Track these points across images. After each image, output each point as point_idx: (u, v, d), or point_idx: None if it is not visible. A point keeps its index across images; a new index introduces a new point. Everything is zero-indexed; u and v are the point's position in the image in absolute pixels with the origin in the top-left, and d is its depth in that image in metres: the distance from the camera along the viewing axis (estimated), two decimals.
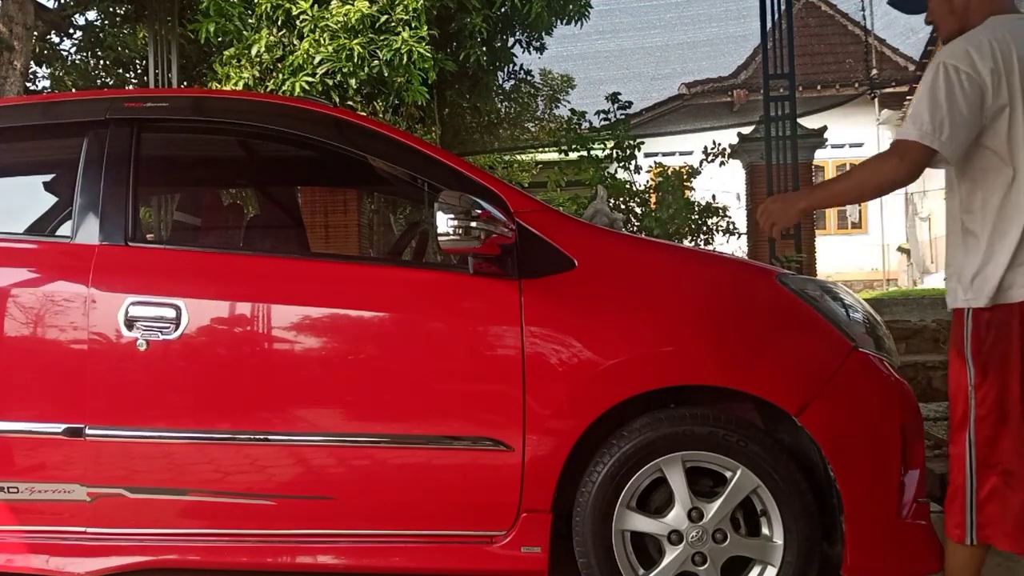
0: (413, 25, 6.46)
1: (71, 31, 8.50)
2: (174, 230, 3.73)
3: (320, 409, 2.18)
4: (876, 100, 15.57)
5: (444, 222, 1.99)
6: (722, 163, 7.49)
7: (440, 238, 2.01)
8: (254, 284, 2.24)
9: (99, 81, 8.58)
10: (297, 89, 6.29)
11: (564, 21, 8.39)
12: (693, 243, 7.07)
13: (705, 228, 7.09)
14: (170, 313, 2.15)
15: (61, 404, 2.17)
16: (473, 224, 1.99)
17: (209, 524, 2.19)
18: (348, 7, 6.44)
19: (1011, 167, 1.85)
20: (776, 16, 7.70)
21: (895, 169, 1.89)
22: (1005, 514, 1.87)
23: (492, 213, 2.05)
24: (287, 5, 6.59)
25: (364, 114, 6.16)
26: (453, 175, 2.25)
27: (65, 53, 8.87)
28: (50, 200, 2.92)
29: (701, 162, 7.42)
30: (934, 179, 15.34)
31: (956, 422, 1.93)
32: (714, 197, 7.20)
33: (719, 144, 7.55)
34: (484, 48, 7.61)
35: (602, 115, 7.59)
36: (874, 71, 14.47)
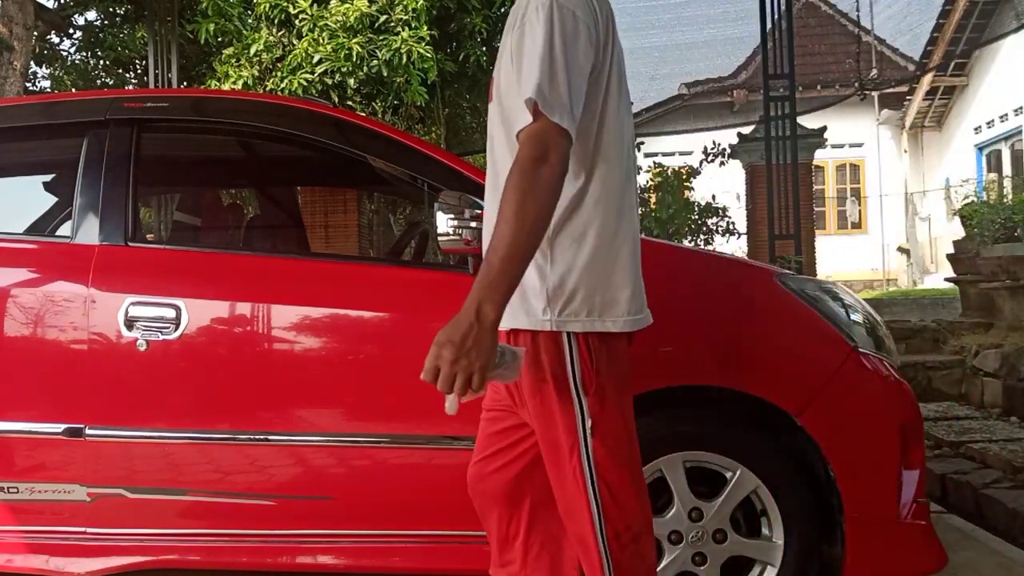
0: (413, 25, 6.46)
1: (71, 31, 8.50)
2: (174, 230, 3.73)
3: (320, 409, 2.18)
4: (876, 100, 15.58)
5: (444, 222, 1.99)
6: (722, 163, 7.49)
7: (439, 238, 2.01)
8: (254, 284, 2.24)
9: (99, 81, 8.58)
10: (296, 88, 6.29)
11: None
12: (693, 243, 7.07)
13: (705, 228, 7.09)
14: (170, 313, 2.15)
15: (61, 404, 2.17)
16: (473, 224, 1.99)
17: (209, 524, 2.19)
18: (347, 6, 6.44)
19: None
20: (776, 16, 7.70)
21: (554, 176, 1.34)
22: None
23: None
24: (286, 5, 6.59)
25: (364, 114, 6.16)
26: (453, 175, 2.25)
27: (65, 53, 8.87)
28: (50, 200, 2.92)
29: (701, 162, 7.42)
30: (934, 179, 15.38)
31: None
32: (714, 197, 7.20)
33: (719, 144, 7.55)
34: (484, 48, 7.61)
35: None
36: (874, 71, 14.47)
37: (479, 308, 1.30)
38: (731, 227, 7.23)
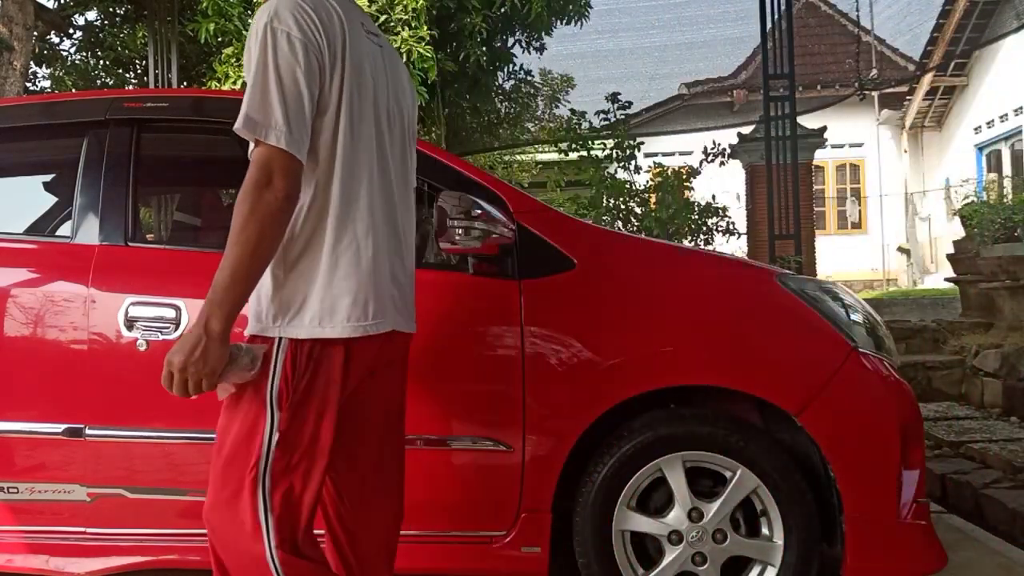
0: (413, 25, 6.46)
1: (71, 31, 8.50)
2: (174, 230, 3.73)
3: None
4: (876, 100, 15.58)
5: (444, 222, 2.00)
6: (722, 163, 7.47)
7: (440, 238, 2.01)
8: None
9: (99, 81, 8.57)
10: None
11: (564, 21, 8.39)
12: (693, 243, 7.05)
13: (705, 228, 7.07)
14: (170, 313, 2.14)
15: (61, 404, 2.17)
16: (473, 224, 1.99)
17: None
18: None
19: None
20: (776, 16, 7.70)
21: (277, 199, 1.39)
22: None
23: (492, 213, 2.05)
24: None
25: None
26: (453, 175, 2.25)
27: (65, 53, 8.86)
28: (50, 200, 2.92)
29: (701, 162, 7.40)
30: (934, 179, 15.38)
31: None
32: (714, 197, 7.17)
33: (719, 144, 7.54)
34: (484, 48, 7.61)
35: (602, 115, 7.58)
36: (874, 71, 14.48)
37: (207, 322, 1.39)
38: (731, 227, 7.20)
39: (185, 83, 7.66)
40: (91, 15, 8.43)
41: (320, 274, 1.48)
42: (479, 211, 2.01)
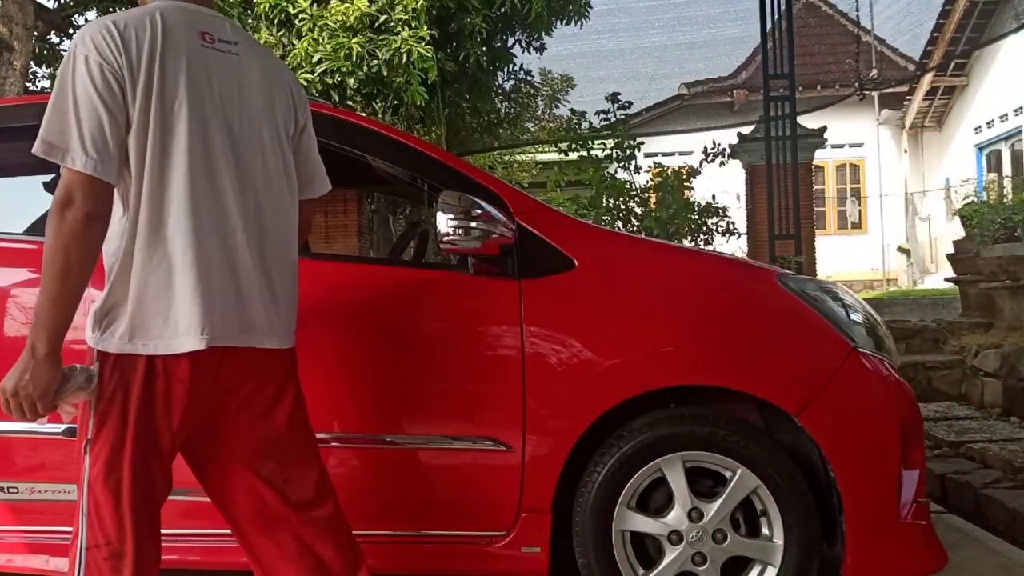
0: (412, 25, 6.45)
1: (71, 31, 8.50)
2: None
3: (317, 410, 2.17)
4: (876, 100, 15.58)
5: (444, 222, 1.99)
6: (722, 163, 7.47)
7: (441, 238, 2.01)
8: None
9: None
10: None
11: (564, 21, 8.38)
12: (693, 243, 7.05)
13: (705, 228, 7.07)
14: None
15: None
16: (473, 224, 1.99)
17: (209, 524, 2.19)
18: (347, 6, 6.44)
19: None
20: (776, 16, 7.70)
21: (78, 220, 1.42)
22: None
23: (492, 213, 2.05)
24: (286, 4, 6.59)
25: (364, 114, 6.15)
26: (453, 175, 2.25)
27: (65, 53, 8.86)
28: (50, 200, 2.91)
29: (701, 162, 7.40)
30: (934, 179, 15.38)
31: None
32: (714, 197, 7.17)
33: (719, 144, 7.54)
34: (484, 48, 7.60)
35: (602, 115, 7.58)
36: (874, 71, 14.47)
37: (33, 346, 1.45)
38: (731, 227, 7.20)
39: None
40: (91, 15, 8.44)
41: (132, 290, 1.50)
42: (479, 211, 2.01)
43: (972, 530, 3.05)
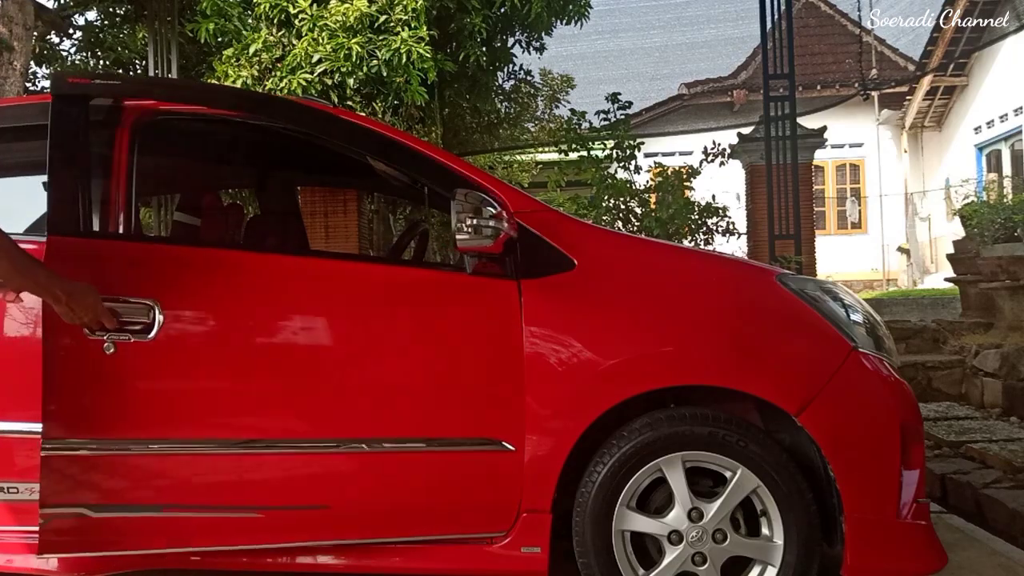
0: (412, 25, 6.45)
1: (71, 31, 8.49)
2: (174, 230, 3.73)
3: (317, 410, 2.17)
4: (876, 100, 15.58)
5: (462, 221, 2.00)
6: (722, 163, 7.46)
7: (457, 237, 2.01)
8: (249, 283, 2.23)
9: None
10: (295, 88, 6.28)
11: (564, 21, 8.38)
12: (693, 243, 7.05)
13: (705, 228, 7.06)
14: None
15: None
16: (490, 223, 2.00)
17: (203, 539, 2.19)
18: (347, 6, 6.44)
19: None
20: (776, 16, 7.70)
21: None
22: None
23: (492, 213, 2.05)
24: (285, 4, 6.59)
25: (363, 114, 6.15)
26: (453, 175, 2.25)
27: (65, 53, 8.86)
28: None
29: (701, 162, 7.39)
30: (934, 179, 15.38)
31: None
32: (714, 197, 7.16)
33: (719, 144, 7.53)
34: (484, 48, 7.61)
35: (602, 115, 7.58)
36: (874, 71, 14.47)
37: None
38: (731, 227, 7.20)
39: None
40: (91, 15, 8.44)
41: None
42: (495, 210, 2.02)
43: (972, 530, 3.05)
